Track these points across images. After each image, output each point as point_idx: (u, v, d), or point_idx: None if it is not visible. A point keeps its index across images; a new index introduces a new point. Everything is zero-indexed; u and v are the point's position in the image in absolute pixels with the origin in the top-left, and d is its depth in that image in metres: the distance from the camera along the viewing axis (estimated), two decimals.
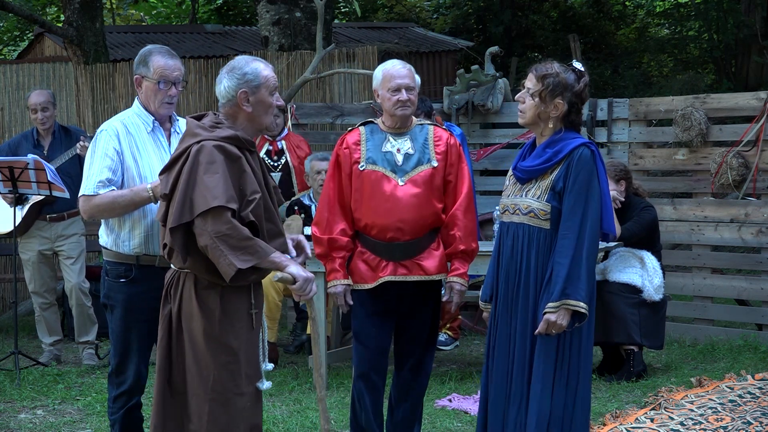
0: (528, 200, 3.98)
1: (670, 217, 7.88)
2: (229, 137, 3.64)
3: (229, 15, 18.24)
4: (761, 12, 13.90)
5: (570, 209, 3.90)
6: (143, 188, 4.09)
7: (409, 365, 4.69)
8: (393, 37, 14.53)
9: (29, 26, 16.63)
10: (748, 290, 7.67)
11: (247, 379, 3.68)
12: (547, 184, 3.95)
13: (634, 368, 6.51)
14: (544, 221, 3.95)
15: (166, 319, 3.71)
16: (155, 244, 4.15)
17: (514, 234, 4.03)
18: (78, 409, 5.95)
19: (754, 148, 7.52)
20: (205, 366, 3.62)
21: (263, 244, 3.58)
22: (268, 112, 3.77)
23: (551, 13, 17.80)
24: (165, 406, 3.70)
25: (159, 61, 4.19)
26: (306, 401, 5.95)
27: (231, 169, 3.59)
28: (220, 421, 3.62)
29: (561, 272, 3.86)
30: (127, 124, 4.23)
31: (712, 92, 10.02)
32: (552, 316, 3.86)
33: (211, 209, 3.49)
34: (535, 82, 3.96)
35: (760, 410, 5.57)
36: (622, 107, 8.13)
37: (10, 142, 7.36)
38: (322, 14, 8.59)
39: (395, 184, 4.54)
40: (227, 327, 3.63)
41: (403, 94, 4.60)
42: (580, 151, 3.92)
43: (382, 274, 4.57)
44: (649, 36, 17.67)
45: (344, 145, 4.65)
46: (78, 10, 9.95)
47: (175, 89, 4.22)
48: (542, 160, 3.97)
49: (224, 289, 3.63)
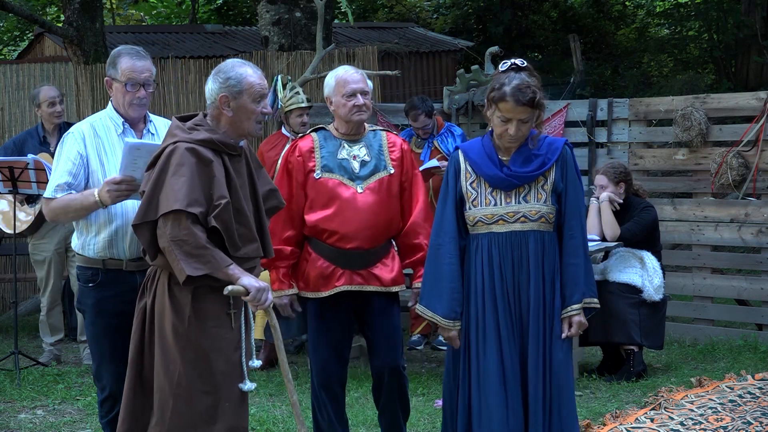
0: (535, 206, 3.90)
1: (670, 217, 7.88)
2: (203, 140, 3.64)
3: (229, 15, 18.23)
4: (761, 12, 13.91)
5: (572, 209, 3.92)
6: (90, 193, 3.98)
7: (387, 372, 4.59)
8: (393, 37, 14.52)
9: (29, 26, 16.62)
10: (748, 290, 7.67)
11: (221, 378, 3.66)
12: (548, 188, 3.91)
13: (634, 368, 6.51)
14: (550, 225, 3.93)
15: (140, 313, 3.73)
16: (120, 249, 4.06)
17: (520, 243, 3.89)
18: (78, 409, 5.95)
19: (754, 148, 7.52)
20: (171, 362, 3.63)
21: (219, 255, 3.58)
22: (251, 118, 3.74)
23: (551, 13, 17.79)
24: (135, 399, 3.73)
25: (126, 63, 4.10)
26: (306, 401, 5.94)
27: (201, 172, 3.58)
28: (183, 418, 3.63)
29: (579, 273, 3.89)
30: (96, 126, 4.14)
31: (712, 92, 10.01)
32: (581, 318, 3.92)
33: (172, 212, 3.52)
34: (530, 111, 3.79)
35: (760, 410, 5.57)
36: (622, 107, 8.13)
37: (15, 139, 7.37)
38: (322, 14, 8.59)
39: (354, 192, 4.47)
40: (197, 325, 3.64)
41: (359, 98, 4.49)
42: (566, 149, 3.96)
43: (338, 283, 4.49)
44: (649, 36, 17.67)
45: (297, 153, 4.55)
46: (78, 10, 9.94)
47: (144, 91, 4.11)
48: (538, 164, 3.89)
49: (197, 288, 3.63)
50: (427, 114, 7.55)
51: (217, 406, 3.67)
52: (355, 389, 6.18)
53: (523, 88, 3.78)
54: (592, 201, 6.75)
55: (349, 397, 5.79)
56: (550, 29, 17.30)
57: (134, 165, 3.85)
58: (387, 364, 4.58)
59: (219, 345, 3.68)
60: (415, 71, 13.50)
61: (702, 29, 15.21)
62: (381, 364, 4.59)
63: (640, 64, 16.70)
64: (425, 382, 6.46)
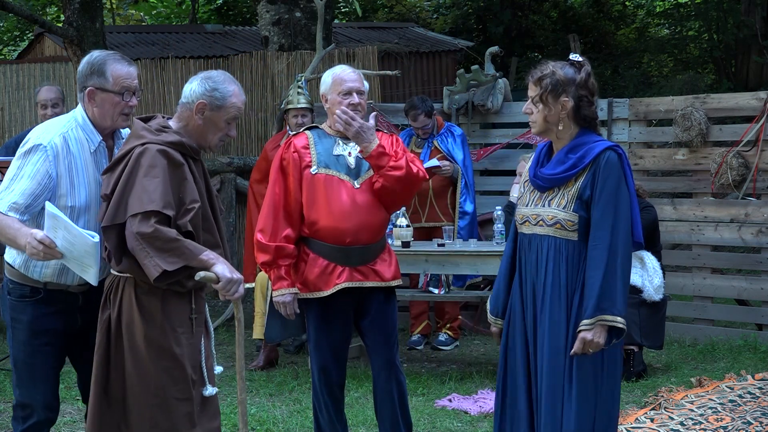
0: (553, 210, 3.69)
1: (670, 217, 7.88)
2: (173, 143, 3.61)
3: (229, 15, 18.23)
4: (761, 12, 13.90)
5: (600, 218, 3.61)
6: (26, 233, 3.51)
7: (384, 368, 4.61)
8: (393, 37, 14.52)
9: (29, 26, 16.63)
10: (748, 290, 7.67)
11: (193, 384, 3.64)
12: (573, 193, 3.67)
13: (634, 368, 6.51)
14: (571, 232, 3.66)
15: (104, 325, 3.64)
16: (69, 277, 3.73)
17: (538, 247, 3.72)
18: (78, 409, 5.94)
19: (754, 148, 7.52)
20: (146, 372, 3.58)
21: (191, 245, 3.54)
22: (216, 134, 3.71)
23: (551, 13, 17.80)
24: (102, 416, 3.64)
25: (120, 69, 3.71)
26: (306, 401, 5.95)
27: (173, 175, 3.55)
28: (162, 427, 3.59)
29: (594, 286, 3.57)
30: (68, 139, 3.69)
31: (712, 92, 10.02)
32: (588, 335, 3.57)
33: (141, 212, 3.47)
34: (533, 87, 3.72)
35: (760, 410, 5.57)
36: (622, 107, 8.13)
37: (16, 138, 7.34)
38: (322, 14, 8.59)
39: (351, 188, 4.49)
40: (169, 332, 3.59)
41: (354, 97, 4.50)
42: (607, 155, 3.65)
43: (339, 280, 4.49)
44: (649, 36, 17.67)
45: (292, 149, 4.56)
46: (78, 10, 9.94)
47: (135, 99, 3.77)
48: (566, 167, 3.68)
49: (165, 294, 3.59)
50: (427, 114, 7.55)
51: (191, 412, 3.64)
52: (355, 389, 6.18)
53: (539, 66, 3.75)
54: None
55: (349, 397, 5.80)
56: (550, 29, 17.30)
57: (54, 232, 3.49)
58: (382, 358, 4.60)
59: (189, 351, 3.64)
60: (415, 71, 13.50)
61: (702, 29, 15.21)
62: (376, 360, 4.62)
63: (640, 64, 16.70)
64: (425, 382, 6.46)
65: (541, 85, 3.70)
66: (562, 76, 3.69)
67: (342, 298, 4.53)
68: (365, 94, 4.58)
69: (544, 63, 3.78)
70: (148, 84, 9.37)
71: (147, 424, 3.59)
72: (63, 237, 3.48)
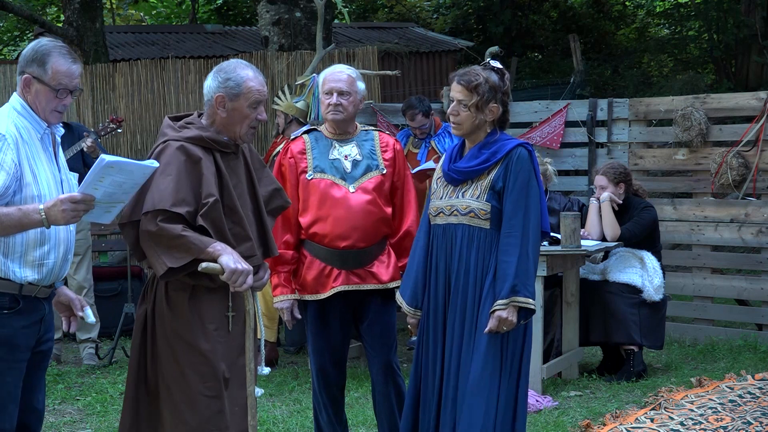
0: (467, 201, 3.98)
1: (670, 217, 7.88)
2: (192, 138, 3.60)
3: (229, 15, 18.25)
4: (761, 12, 13.91)
5: (512, 208, 3.91)
6: (34, 209, 3.32)
7: (382, 370, 4.61)
8: (393, 37, 14.53)
9: (29, 26, 16.63)
10: (748, 290, 7.67)
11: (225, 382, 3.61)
12: (486, 184, 3.96)
13: (634, 368, 6.51)
14: (484, 221, 3.96)
15: (140, 320, 3.67)
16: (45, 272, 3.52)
17: (452, 235, 4.01)
18: (78, 409, 5.95)
19: (754, 148, 7.52)
20: (174, 367, 3.58)
21: (197, 238, 3.50)
22: (243, 123, 3.67)
23: (551, 13, 17.81)
24: (138, 405, 3.65)
25: (61, 65, 3.47)
26: (306, 401, 5.95)
27: (190, 171, 3.54)
28: (190, 424, 3.56)
29: (509, 270, 3.86)
30: (20, 129, 3.47)
31: (712, 92, 10.01)
32: (503, 313, 3.84)
33: (151, 211, 3.47)
34: (466, 93, 3.94)
35: (760, 410, 5.57)
36: (622, 107, 8.13)
37: None
38: (322, 14, 8.59)
39: (346, 192, 4.47)
40: (197, 329, 3.58)
41: (333, 97, 4.48)
42: (518, 151, 3.96)
43: (335, 284, 4.49)
44: (649, 36, 17.69)
45: (289, 155, 4.56)
46: (78, 10, 9.96)
47: (71, 98, 3.53)
48: (480, 161, 3.98)
49: (195, 290, 3.59)
50: (425, 114, 7.55)
51: (222, 411, 3.59)
52: (355, 389, 6.18)
53: (469, 73, 3.96)
54: (592, 201, 6.76)
55: (349, 397, 5.80)
56: (550, 29, 17.31)
57: (99, 183, 3.35)
58: (380, 361, 4.59)
59: (222, 348, 3.62)
60: (415, 71, 13.51)
61: (702, 29, 15.21)
62: (374, 362, 4.61)
63: (640, 64, 16.71)
64: None
65: (478, 92, 3.93)
66: (493, 83, 3.96)
67: (339, 301, 4.52)
68: (353, 94, 4.52)
69: (471, 70, 4.00)
70: (148, 84, 9.38)
71: (176, 420, 3.58)
72: (111, 182, 3.35)
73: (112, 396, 6.19)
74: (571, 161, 8.38)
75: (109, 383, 6.52)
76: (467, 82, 3.93)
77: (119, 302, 7.59)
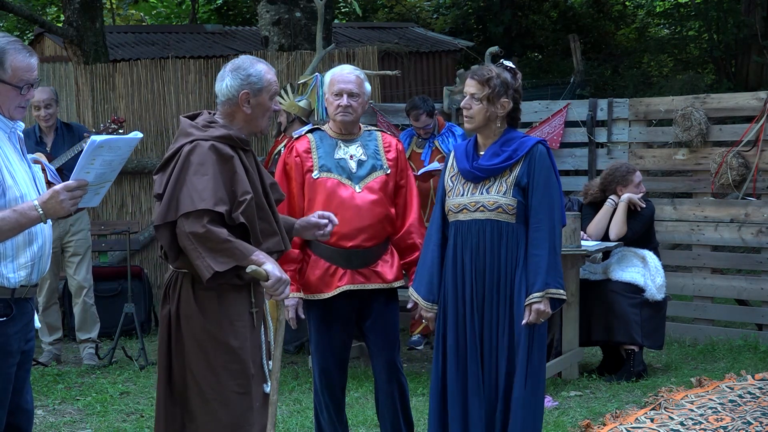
0: (493, 197, 4.12)
1: (670, 217, 7.88)
2: (222, 137, 3.62)
3: (229, 15, 18.25)
4: (761, 12, 13.91)
5: (538, 203, 4.09)
6: (30, 206, 3.30)
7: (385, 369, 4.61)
8: (393, 37, 14.53)
9: (29, 26, 16.63)
10: (748, 290, 7.67)
11: (252, 378, 3.65)
12: (510, 181, 4.12)
13: (634, 368, 6.51)
14: (510, 215, 4.11)
15: (165, 320, 3.68)
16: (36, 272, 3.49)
17: (479, 230, 4.14)
18: (78, 409, 5.95)
19: (754, 148, 7.52)
20: (205, 366, 3.60)
21: (243, 246, 3.55)
22: (266, 115, 3.74)
23: (551, 13, 17.81)
24: (167, 405, 3.68)
25: (20, 60, 3.41)
26: (306, 401, 5.95)
27: (223, 169, 3.56)
28: (223, 422, 3.59)
29: (541, 263, 4.04)
30: None
31: (712, 92, 10.01)
32: (540, 306, 4.03)
33: (193, 211, 3.48)
34: (479, 87, 4.10)
35: (760, 410, 5.57)
36: (622, 107, 8.13)
37: None
38: (322, 14, 8.59)
39: (352, 192, 4.48)
40: (227, 327, 3.61)
41: (343, 99, 4.48)
42: (539, 148, 4.13)
43: (340, 283, 4.50)
44: (649, 36, 17.68)
45: (294, 153, 4.56)
46: (78, 10, 9.95)
47: (32, 92, 3.50)
48: (503, 158, 4.12)
49: (222, 288, 3.60)
50: (429, 114, 7.56)
51: (252, 407, 3.64)
52: (355, 389, 6.18)
53: (482, 68, 4.14)
54: (609, 202, 6.75)
55: (349, 397, 5.79)
56: (550, 29, 17.32)
57: (90, 166, 3.35)
58: (383, 359, 4.60)
59: (248, 345, 3.65)
60: (415, 71, 13.51)
61: (702, 29, 15.22)
62: (378, 361, 4.62)
63: (640, 64, 16.71)
64: (425, 382, 6.45)
65: (489, 86, 4.09)
66: (505, 79, 4.13)
67: (343, 301, 4.53)
68: (361, 96, 4.53)
69: (484, 66, 4.21)
70: (148, 84, 9.37)
71: (208, 418, 3.59)
72: (102, 162, 3.37)
73: (112, 396, 6.19)
74: (571, 161, 8.38)
75: (109, 383, 6.52)
76: (480, 76, 4.09)
77: (119, 302, 7.59)
